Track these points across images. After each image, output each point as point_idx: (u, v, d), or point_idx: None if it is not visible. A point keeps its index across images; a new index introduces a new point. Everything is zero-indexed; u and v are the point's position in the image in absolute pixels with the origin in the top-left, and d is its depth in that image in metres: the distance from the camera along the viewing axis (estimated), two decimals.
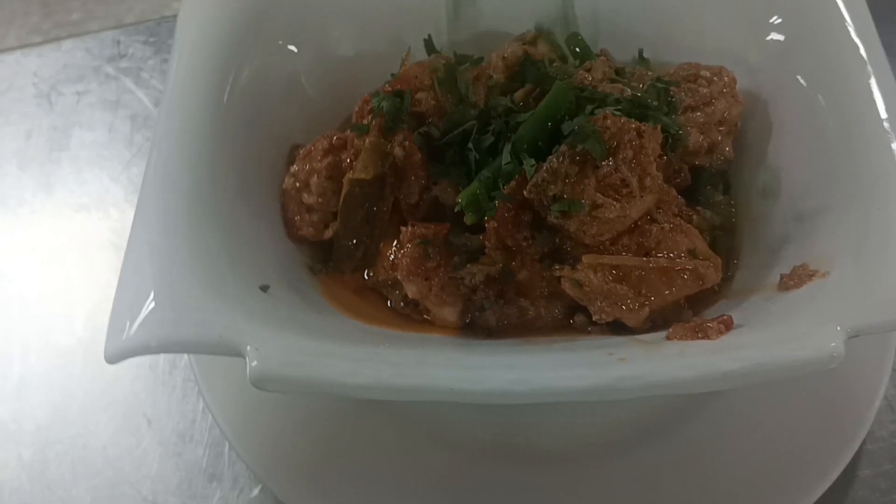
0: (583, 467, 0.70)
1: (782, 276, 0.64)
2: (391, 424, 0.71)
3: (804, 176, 0.69)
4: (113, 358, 0.58)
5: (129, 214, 0.70)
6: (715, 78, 0.72)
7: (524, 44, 0.72)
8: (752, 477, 0.67)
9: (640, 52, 0.76)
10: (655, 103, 0.68)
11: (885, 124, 0.64)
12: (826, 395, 0.70)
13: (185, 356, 0.77)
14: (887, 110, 0.65)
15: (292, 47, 0.76)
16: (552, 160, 0.62)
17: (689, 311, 0.66)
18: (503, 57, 0.71)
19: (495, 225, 0.64)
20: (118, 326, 0.57)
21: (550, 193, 0.62)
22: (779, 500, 0.66)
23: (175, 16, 0.73)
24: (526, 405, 0.68)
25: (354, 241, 0.69)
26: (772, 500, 0.66)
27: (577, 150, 0.61)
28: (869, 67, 0.66)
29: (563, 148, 0.62)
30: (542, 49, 0.71)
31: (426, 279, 0.65)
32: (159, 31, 0.98)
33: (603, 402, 0.65)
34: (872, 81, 0.66)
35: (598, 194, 0.62)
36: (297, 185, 0.69)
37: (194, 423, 0.74)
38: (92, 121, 0.93)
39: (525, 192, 0.62)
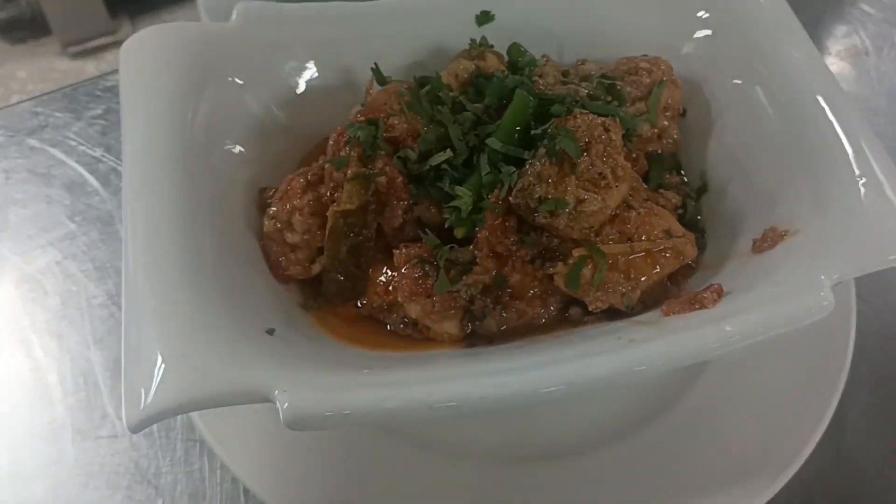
0: (577, 461, 0.73)
1: (755, 241, 0.69)
2: (390, 439, 0.73)
3: (749, 149, 0.74)
4: (136, 427, 0.56)
5: (85, 285, 0.69)
6: (653, 68, 0.76)
7: (472, 59, 0.74)
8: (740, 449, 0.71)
9: (579, 61, 0.80)
10: (609, 98, 0.72)
11: (816, 95, 0.70)
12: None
13: (180, 418, 0.75)
14: (815, 80, 0.71)
15: (245, 86, 0.76)
16: (534, 164, 0.65)
17: (673, 288, 0.70)
18: (455, 75, 0.73)
19: (486, 234, 0.66)
20: (134, 395, 0.56)
21: (536, 196, 0.65)
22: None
23: (85, 81, 0.71)
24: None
25: (342, 273, 0.70)
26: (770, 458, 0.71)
27: (556, 150, 0.64)
28: (794, 46, 0.73)
29: (542, 151, 0.65)
30: (491, 62, 0.74)
31: (428, 297, 0.66)
32: (77, 95, 0.95)
33: (624, 385, 0.67)
34: (798, 56, 0.73)
35: (580, 190, 0.65)
36: (278, 225, 0.69)
37: (203, 481, 0.72)
38: (27, 197, 0.89)
39: (511, 199, 0.65)
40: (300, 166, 0.79)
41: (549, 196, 0.65)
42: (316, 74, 0.80)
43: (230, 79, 0.76)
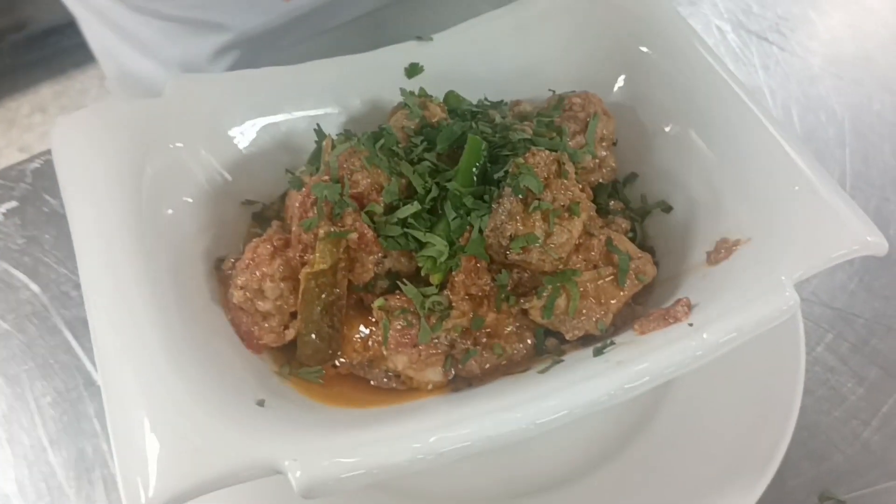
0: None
1: (709, 254, 0.73)
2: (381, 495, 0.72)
3: (685, 169, 0.79)
4: None
5: (30, 385, 0.66)
6: (585, 102, 0.80)
7: (414, 110, 0.76)
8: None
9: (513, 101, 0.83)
10: (552, 134, 0.75)
11: (742, 111, 0.76)
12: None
13: None
14: (738, 97, 0.77)
15: (186, 150, 0.74)
16: (503, 203, 0.66)
17: (638, 308, 0.73)
18: (401, 126, 0.75)
19: (461, 277, 0.67)
20: (133, 489, 0.54)
21: (508, 234, 0.67)
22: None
23: None
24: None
25: (317, 334, 0.69)
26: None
27: (521, 188, 0.66)
28: (712, 69, 0.79)
29: (507, 190, 0.67)
30: (434, 111, 0.76)
31: (414, 346, 0.66)
32: None
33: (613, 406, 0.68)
34: (718, 77, 0.79)
35: (546, 224, 0.68)
36: (248, 295, 0.68)
37: None
38: None
39: (487, 238, 0.67)
40: (249, 232, 0.78)
41: (520, 233, 0.67)
42: (255, 137, 0.79)
43: (171, 145, 0.74)
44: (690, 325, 0.65)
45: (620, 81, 0.83)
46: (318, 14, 1.02)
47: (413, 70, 0.82)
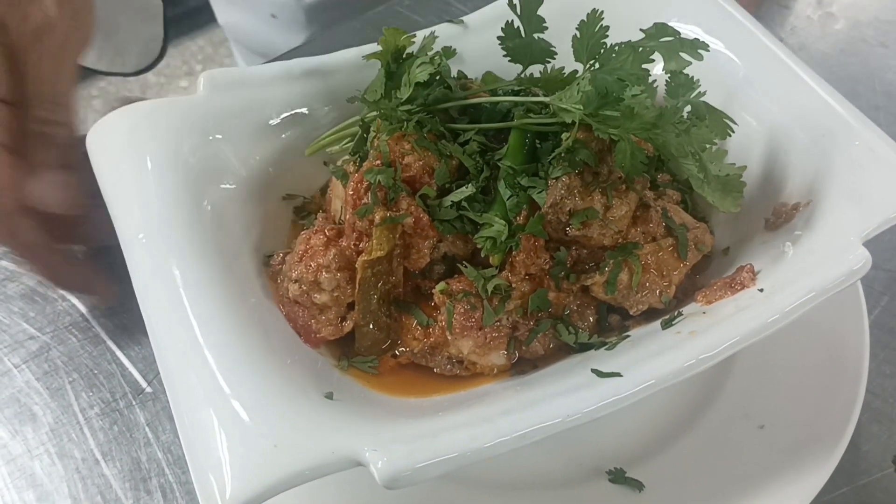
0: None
1: (767, 220, 0.71)
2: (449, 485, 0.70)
3: (744, 146, 0.78)
4: None
5: (77, 397, 0.65)
6: None
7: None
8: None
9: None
10: None
11: (794, 67, 0.75)
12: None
13: None
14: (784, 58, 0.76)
15: (224, 142, 0.73)
16: (561, 179, 0.65)
17: (697, 278, 0.72)
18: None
19: (523, 256, 0.66)
20: (209, 493, 0.52)
21: (567, 209, 0.65)
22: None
23: None
24: None
25: (375, 324, 0.67)
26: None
27: (578, 162, 0.65)
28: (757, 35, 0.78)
29: (563, 166, 0.65)
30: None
31: (479, 329, 0.65)
32: None
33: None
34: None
35: (603, 197, 0.66)
36: (304, 288, 0.66)
37: None
38: None
39: (547, 215, 0.65)
40: (293, 226, 0.77)
41: (579, 208, 0.66)
42: (291, 130, 0.77)
43: (210, 137, 0.73)
44: (761, 290, 0.64)
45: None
46: None
47: (447, 53, 0.80)
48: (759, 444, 0.70)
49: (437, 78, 0.74)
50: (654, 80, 0.74)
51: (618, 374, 0.59)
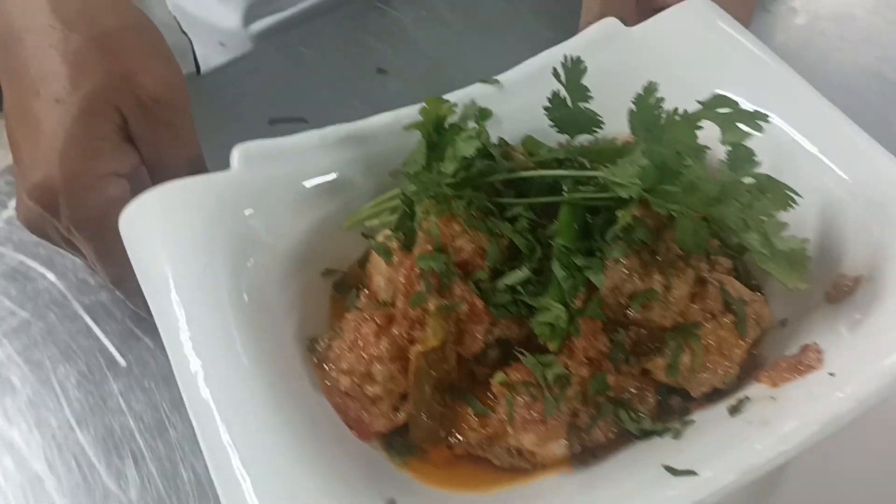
0: None
1: (828, 293, 0.69)
2: None
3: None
4: None
5: (55, 368, 0.79)
6: None
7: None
8: None
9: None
10: None
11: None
12: None
13: None
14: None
15: (257, 219, 0.70)
16: (620, 260, 0.63)
17: (756, 355, 0.70)
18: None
19: (584, 342, 0.63)
20: None
21: (628, 291, 0.63)
22: None
23: None
24: None
25: (427, 414, 0.64)
26: None
27: (636, 240, 0.62)
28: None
29: (622, 246, 0.63)
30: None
31: (542, 422, 0.62)
32: None
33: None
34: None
35: (662, 277, 0.64)
36: (355, 380, 0.63)
37: None
38: None
39: (605, 298, 0.63)
40: (333, 303, 0.74)
41: (639, 289, 0.63)
42: (327, 202, 0.74)
43: (245, 213, 0.69)
44: (832, 374, 0.61)
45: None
46: None
47: (483, 115, 0.77)
48: None
49: (487, 151, 0.71)
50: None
51: (692, 472, 0.56)
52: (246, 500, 0.54)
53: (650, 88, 0.64)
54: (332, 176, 0.74)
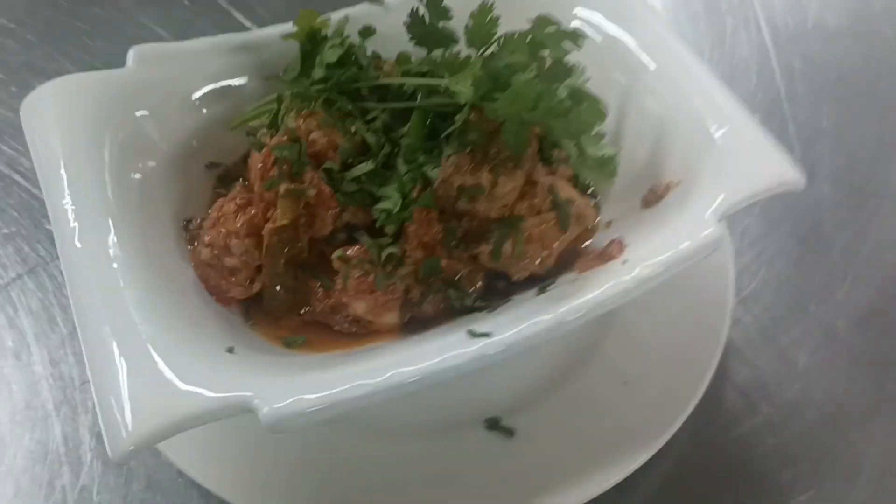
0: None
1: (643, 197, 0.78)
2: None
3: (623, 119, 0.84)
4: (123, 459, 0.59)
5: None
6: None
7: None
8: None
9: None
10: None
11: (676, 63, 0.81)
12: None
13: None
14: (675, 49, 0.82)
15: (149, 119, 0.78)
16: (451, 157, 0.71)
17: (580, 249, 0.79)
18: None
19: (414, 227, 0.72)
20: (115, 430, 0.59)
21: (456, 185, 0.72)
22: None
23: None
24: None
25: (282, 286, 0.74)
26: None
27: (468, 142, 0.71)
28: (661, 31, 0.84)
29: (455, 145, 0.72)
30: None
31: (371, 293, 0.71)
32: None
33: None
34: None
35: (491, 175, 0.73)
36: (215, 252, 0.72)
37: None
38: None
39: (437, 190, 0.72)
40: (214, 193, 0.83)
41: (467, 184, 0.72)
42: (216, 102, 0.83)
43: (136, 114, 0.78)
44: (624, 262, 0.70)
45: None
46: None
47: (366, 32, 0.85)
48: (621, 399, 0.78)
49: (353, 58, 0.80)
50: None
51: (487, 335, 0.66)
52: (107, 340, 0.63)
53: (485, 6, 0.72)
54: (222, 81, 0.83)
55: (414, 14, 0.77)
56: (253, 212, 0.73)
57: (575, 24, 0.86)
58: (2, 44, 1.07)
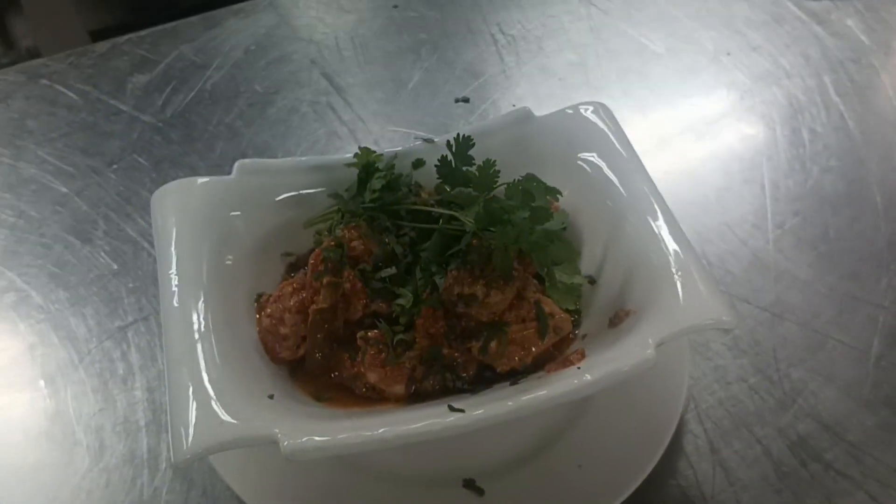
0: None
1: (610, 319, 0.97)
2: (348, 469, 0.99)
3: (605, 255, 1.03)
4: (182, 464, 0.81)
5: None
6: None
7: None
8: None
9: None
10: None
11: (648, 221, 1.00)
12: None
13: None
14: (648, 207, 1.02)
15: (241, 217, 1.03)
16: (453, 272, 0.93)
17: (557, 353, 0.98)
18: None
19: (422, 321, 0.93)
20: (178, 441, 0.81)
21: (455, 293, 0.93)
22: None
23: None
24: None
25: (319, 354, 0.96)
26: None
27: (468, 261, 0.92)
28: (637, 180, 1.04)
29: (458, 262, 0.93)
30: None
31: (383, 367, 0.93)
32: None
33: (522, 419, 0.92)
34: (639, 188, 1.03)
35: (485, 288, 0.93)
36: (273, 322, 0.96)
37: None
38: None
39: (441, 295, 0.93)
40: (284, 277, 1.07)
41: (465, 293, 0.93)
42: (295, 207, 1.08)
43: (230, 213, 1.03)
44: (579, 368, 0.89)
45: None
46: None
47: (417, 164, 1.09)
48: (576, 479, 0.96)
49: (398, 186, 1.03)
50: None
51: (461, 411, 0.86)
52: (182, 379, 0.87)
53: (488, 163, 0.94)
54: (300, 190, 1.08)
55: (444, 159, 1.00)
56: (304, 295, 0.96)
57: (579, 162, 1.07)
58: (150, 139, 1.37)
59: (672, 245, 0.96)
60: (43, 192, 1.29)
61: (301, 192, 1.08)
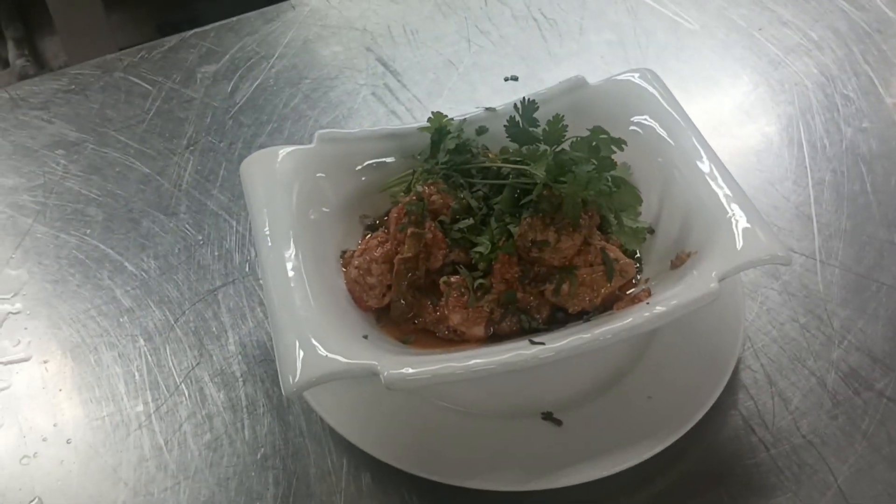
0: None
1: (671, 262, 1.03)
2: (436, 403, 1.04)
3: (665, 206, 1.09)
4: (292, 395, 0.88)
5: None
6: None
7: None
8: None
9: None
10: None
11: (700, 166, 1.06)
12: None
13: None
14: (701, 154, 1.07)
15: (326, 179, 1.10)
16: (526, 220, 0.99)
17: (622, 295, 1.04)
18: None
19: (498, 266, 0.99)
20: (286, 376, 0.88)
21: (529, 239, 0.99)
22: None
23: None
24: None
25: (404, 301, 1.02)
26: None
27: (540, 209, 0.99)
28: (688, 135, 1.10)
29: (531, 211, 0.99)
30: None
31: (465, 309, 0.99)
32: None
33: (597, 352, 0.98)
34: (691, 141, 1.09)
35: (556, 234, 0.99)
36: (361, 272, 1.02)
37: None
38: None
39: (516, 241, 0.99)
40: (363, 236, 1.13)
41: (538, 239, 0.99)
42: (373, 172, 1.14)
43: (316, 174, 1.10)
44: (647, 304, 0.95)
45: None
46: None
47: (480, 130, 1.15)
48: (646, 408, 1.01)
49: (467, 148, 1.10)
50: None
51: (541, 343, 0.92)
52: (286, 324, 0.93)
53: (557, 119, 1.01)
54: (377, 158, 1.15)
55: (512, 119, 1.06)
56: (388, 246, 1.02)
57: (632, 127, 1.13)
58: (222, 122, 1.44)
59: (725, 190, 1.02)
60: (127, 173, 1.36)
61: (376, 159, 1.15)
